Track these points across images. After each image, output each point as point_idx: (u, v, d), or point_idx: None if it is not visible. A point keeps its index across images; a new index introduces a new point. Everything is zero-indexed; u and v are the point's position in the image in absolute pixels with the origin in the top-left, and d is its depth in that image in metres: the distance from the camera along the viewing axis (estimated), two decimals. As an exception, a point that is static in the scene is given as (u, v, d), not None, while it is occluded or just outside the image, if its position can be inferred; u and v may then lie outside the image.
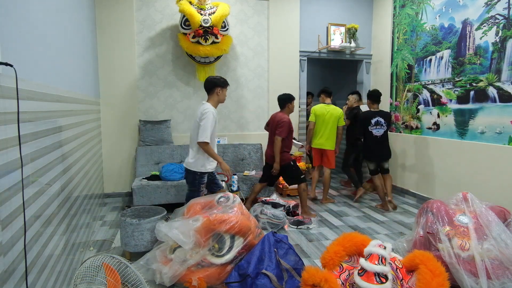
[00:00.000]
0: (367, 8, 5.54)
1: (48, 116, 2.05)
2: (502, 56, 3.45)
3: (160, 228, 2.61)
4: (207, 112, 2.95)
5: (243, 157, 4.91)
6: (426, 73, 4.48)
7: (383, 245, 2.02)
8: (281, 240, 2.51)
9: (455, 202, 2.63)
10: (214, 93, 3.10)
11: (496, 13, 3.50)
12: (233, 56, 5.02)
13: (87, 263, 1.90)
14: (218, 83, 3.09)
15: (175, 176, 4.21)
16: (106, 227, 3.68)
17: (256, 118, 5.23)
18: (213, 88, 3.09)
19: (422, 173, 4.55)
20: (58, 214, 2.16)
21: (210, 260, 2.42)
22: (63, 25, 2.58)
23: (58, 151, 2.25)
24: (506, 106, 3.42)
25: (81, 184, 2.96)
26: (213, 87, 3.08)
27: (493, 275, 2.16)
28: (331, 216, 4.10)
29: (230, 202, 2.73)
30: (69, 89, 2.69)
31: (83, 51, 3.44)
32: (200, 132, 2.92)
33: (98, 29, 4.44)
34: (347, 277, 2.04)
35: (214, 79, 3.11)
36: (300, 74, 5.34)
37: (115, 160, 4.68)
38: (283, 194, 4.96)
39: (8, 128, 1.43)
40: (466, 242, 2.30)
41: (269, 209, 3.70)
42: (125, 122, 4.69)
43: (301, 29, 5.25)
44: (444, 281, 1.88)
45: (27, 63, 1.73)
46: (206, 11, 4.37)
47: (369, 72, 5.64)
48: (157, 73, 4.78)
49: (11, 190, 1.44)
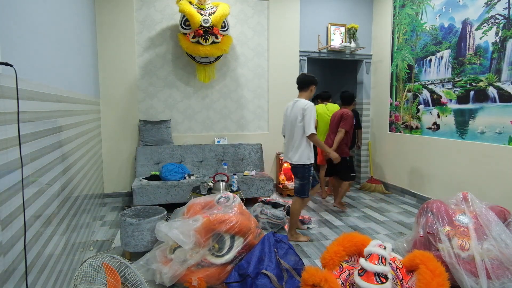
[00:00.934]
0: (367, 8, 5.53)
1: (48, 116, 2.05)
2: (502, 56, 3.45)
3: (160, 228, 2.61)
4: (308, 106, 3.11)
5: (243, 157, 4.91)
6: (426, 73, 4.48)
7: (383, 245, 2.02)
8: (281, 240, 2.51)
9: (455, 202, 2.63)
10: (309, 90, 3.26)
11: (496, 13, 3.50)
12: (233, 56, 5.02)
13: (87, 263, 1.90)
14: (314, 81, 3.26)
15: (175, 176, 4.21)
16: (106, 227, 3.68)
17: (256, 118, 5.23)
18: (309, 85, 3.25)
19: (422, 173, 4.55)
20: (58, 214, 2.16)
21: (210, 260, 2.42)
22: (63, 25, 2.58)
23: (58, 151, 2.25)
24: (506, 106, 3.42)
25: (81, 184, 2.97)
26: (309, 84, 3.24)
27: (493, 275, 2.16)
28: (331, 216, 4.10)
29: (230, 202, 2.73)
30: (69, 89, 2.69)
31: (83, 51, 3.44)
32: (306, 125, 3.10)
33: (98, 29, 4.45)
34: (347, 277, 2.04)
35: (310, 77, 3.26)
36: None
37: (115, 160, 4.68)
38: (283, 194, 4.96)
39: (8, 128, 1.43)
40: (466, 242, 2.30)
41: (269, 209, 3.70)
42: (125, 122, 4.69)
43: (301, 29, 5.25)
44: (444, 281, 1.88)
45: (27, 63, 1.73)
46: (206, 11, 4.37)
47: (369, 72, 5.64)
48: (157, 73, 4.78)
49: (11, 190, 1.44)
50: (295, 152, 3.21)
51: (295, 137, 3.20)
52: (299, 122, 3.15)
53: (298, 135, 3.18)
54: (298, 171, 3.27)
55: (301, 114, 3.13)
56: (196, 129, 5.00)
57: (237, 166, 4.87)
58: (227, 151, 4.86)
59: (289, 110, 3.28)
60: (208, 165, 4.76)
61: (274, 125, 5.26)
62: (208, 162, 4.77)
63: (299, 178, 3.28)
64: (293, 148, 3.23)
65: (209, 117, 5.03)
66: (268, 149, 5.24)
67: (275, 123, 5.26)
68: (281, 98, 5.24)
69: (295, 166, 3.26)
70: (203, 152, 4.77)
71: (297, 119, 3.16)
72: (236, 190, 3.91)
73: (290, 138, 3.28)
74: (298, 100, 3.23)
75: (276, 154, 5.28)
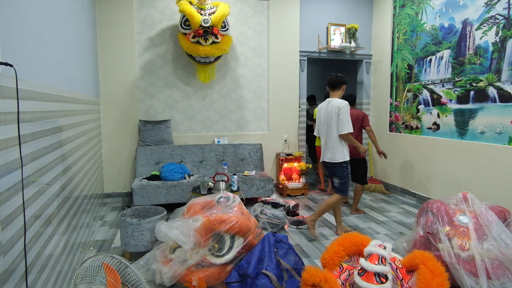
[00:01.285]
0: (367, 8, 5.54)
1: (48, 116, 2.05)
2: (502, 56, 3.45)
3: (160, 228, 2.61)
4: (344, 105, 3.19)
5: (243, 157, 4.91)
6: (426, 73, 4.48)
7: (383, 245, 2.02)
8: (281, 240, 2.51)
9: (455, 202, 2.63)
10: (341, 89, 3.35)
11: (496, 13, 3.50)
12: (233, 56, 5.02)
13: (87, 263, 1.90)
14: (345, 81, 3.36)
15: (175, 176, 4.21)
16: (106, 227, 3.68)
17: (256, 118, 5.23)
18: (341, 85, 3.34)
19: (422, 173, 4.55)
20: (58, 214, 2.16)
21: (210, 260, 2.42)
22: (63, 25, 2.58)
23: (58, 151, 2.25)
24: (506, 106, 3.42)
25: (81, 184, 2.97)
26: (341, 84, 3.34)
27: (493, 275, 2.16)
28: (331, 216, 4.10)
29: (230, 202, 2.73)
30: (69, 89, 2.69)
31: (83, 51, 3.44)
32: (343, 124, 3.17)
33: (98, 29, 4.44)
34: (347, 277, 2.04)
35: (341, 77, 3.34)
36: (300, 74, 5.34)
37: (115, 160, 4.68)
38: (283, 194, 4.96)
39: (8, 128, 1.43)
40: (466, 242, 2.30)
41: (269, 209, 3.70)
42: (125, 122, 4.69)
43: (301, 29, 5.25)
44: (444, 281, 1.88)
45: (27, 63, 1.73)
46: (206, 11, 4.37)
47: (369, 72, 5.64)
48: (157, 73, 4.78)
49: (11, 190, 1.44)
50: (332, 151, 3.28)
51: (332, 136, 3.26)
52: (334, 121, 3.21)
53: (334, 134, 3.25)
54: (337, 170, 3.32)
55: (336, 113, 3.20)
56: (196, 129, 5.00)
57: (237, 166, 4.87)
58: (227, 151, 4.86)
59: (323, 111, 3.34)
60: (208, 165, 4.76)
61: (274, 125, 5.26)
62: (208, 162, 4.77)
63: (338, 177, 3.34)
64: (330, 147, 3.29)
65: (209, 117, 5.03)
66: (268, 149, 5.24)
67: (275, 123, 5.26)
68: (281, 98, 5.25)
69: (334, 166, 3.31)
70: (203, 152, 4.77)
71: (332, 118, 3.23)
72: (236, 190, 3.91)
73: (326, 138, 3.33)
74: (332, 100, 3.29)
75: (276, 154, 5.28)
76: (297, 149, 5.41)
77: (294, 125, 5.36)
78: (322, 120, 3.35)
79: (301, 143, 5.45)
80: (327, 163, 3.38)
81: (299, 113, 5.38)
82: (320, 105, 3.43)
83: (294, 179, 5.11)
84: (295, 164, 5.11)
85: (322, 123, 3.36)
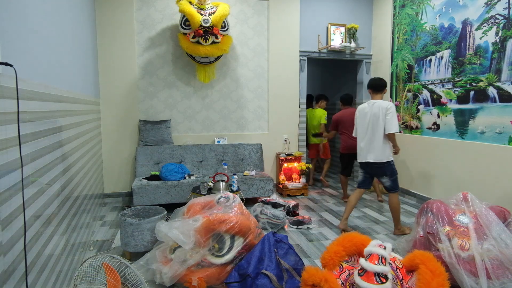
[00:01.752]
0: (367, 8, 5.54)
1: (48, 116, 2.05)
2: (502, 56, 3.45)
3: (160, 228, 2.61)
4: (391, 106, 3.32)
5: (243, 157, 4.91)
6: (426, 73, 4.48)
7: (383, 245, 2.02)
8: (281, 240, 2.51)
9: (455, 202, 2.63)
10: (383, 91, 3.49)
11: (496, 13, 3.50)
12: (233, 56, 5.02)
13: (87, 263, 1.90)
14: (386, 84, 3.52)
15: (175, 176, 4.21)
16: (106, 227, 3.68)
17: (256, 118, 5.23)
18: (384, 88, 3.48)
19: (422, 173, 4.55)
20: (58, 214, 2.16)
21: (210, 260, 2.42)
22: (63, 25, 2.58)
23: (58, 151, 2.25)
24: (506, 106, 3.42)
25: (81, 184, 2.97)
26: (384, 87, 3.48)
27: (493, 275, 2.16)
28: (331, 216, 4.10)
29: (230, 202, 2.73)
30: (69, 89, 2.69)
31: (83, 51, 3.44)
32: (391, 124, 3.28)
33: (98, 29, 4.44)
34: (347, 277, 2.04)
35: (384, 81, 3.49)
36: (300, 74, 5.34)
37: (115, 160, 4.68)
38: (283, 194, 4.96)
39: (8, 128, 1.43)
40: (466, 242, 2.30)
41: (269, 209, 3.70)
42: (125, 122, 4.69)
43: (301, 29, 5.25)
44: (444, 281, 1.88)
45: (27, 63, 1.73)
46: (206, 11, 4.37)
47: (369, 72, 5.64)
48: (157, 73, 4.78)
49: (11, 190, 1.44)
50: (380, 151, 3.34)
51: (377, 136, 3.33)
52: (382, 121, 3.29)
53: (380, 134, 3.32)
54: (386, 169, 3.38)
55: (384, 114, 3.29)
56: (196, 129, 5.00)
57: (237, 166, 4.87)
58: (227, 151, 4.86)
59: (366, 112, 3.41)
60: (208, 165, 4.76)
61: (274, 125, 5.26)
62: (208, 162, 4.77)
63: (388, 175, 3.40)
64: (377, 148, 3.35)
65: (209, 117, 5.03)
66: (268, 149, 5.24)
67: (275, 123, 5.26)
68: (281, 98, 5.25)
69: (382, 165, 3.37)
70: (203, 152, 4.77)
71: (379, 119, 3.31)
72: (236, 190, 3.91)
73: (371, 139, 3.37)
74: (376, 101, 3.39)
75: (276, 154, 5.28)
76: (297, 149, 5.41)
77: (294, 125, 5.36)
78: (367, 121, 3.40)
79: (301, 143, 5.45)
80: (373, 164, 3.41)
81: (299, 113, 5.38)
82: (362, 107, 3.49)
83: (294, 179, 5.11)
84: (295, 164, 5.11)
85: (366, 124, 3.41)
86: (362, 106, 3.48)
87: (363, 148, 3.44)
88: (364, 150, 3.44)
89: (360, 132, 3.50)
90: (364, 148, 3.44)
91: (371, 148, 3.38)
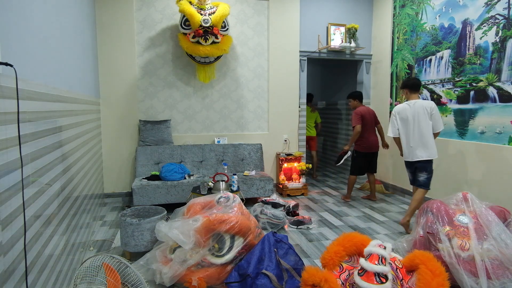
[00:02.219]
0: (367, 8, 5.54)
1: (48, 116, 2.05)
2: (502, 56, 3.45)
3: (160, 228, 2.61)
4: (435, 105, 3.47)
5: (243, 157, 4.91)
6: (426, 73, 4.48)
7: (383, 245, 2.02)
8: (281, 240, 2.51)
9: (455, 202, 2.63)
10: (419, 91, 3.62)
11: (496, 13, 3.50)
12: (233, 56, 5.02)
13: (87, 263, 1.90)
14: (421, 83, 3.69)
15: (175, 176, 4.21)
16: (106, 227, 3.68)
17: (256, 118, 5.23)
18: (420, 87, 3.61)
19: (422, 173, 4.54)
20: (58, 214, 2.16)
21: (210, 260, 2.42)
22: (63, 25, 2.58)
23: (58, 151, 2.25)
24: (506, 106, 3.42)
25: (81, 184, 2.97)
26: (420, 86, 3.62)
27: (493, 275, 2.16)
28: (331, 216, 4.10)
29: (230, 202, 2.73)
30: (69, 89, 2.69)
31: (83, 51, 3.44)
32: (439, 122, 3.46)
33: (98, 29, 4.44)
34: (347, 277, 2.04)
35: (419, 80, 3.66)
36: (300, 74, 5.35)
37: (115, 160, 4.68)
38: (283, 194, 4.96)
39: (8, 128, 1.43)
40: (466, 242, 2.30)
41: (269, 209, 3.70)
42: (125, 122, 4.69)
43: (301, 29, 5.25)
44: (444, 281, 1.88)
45: (27, 63, 1.73)
46: (206, 11, 4.37)
47: (369, 72, 5.64)
48: (157, 73, 4.78)
49: (11, 190, 1.44)
50: (428, 148, 3.44)
51: (426, 134, 3.43)
52: (429, 119, 3.41)
53: (428, 132, 3.43)
54: (428, 166, 3.49)
55: (429, 113, 3.41)
56: (196, 129, 5.00)
57: (237, 166, 4.87)
58: (227, 151, 4.86)
59: (410, 112, 3.47)
60: (208, 165, 4.76)
61: (274, 125, 5.27)
62: (208, 162, 4.77)
63: (428, 172, 3.50)
64: (425, 145, 3.44)
65: (209, 117, 5.03)
66: (268, 149, 5.24)
67: (275, 123, 5.26)
68: (281, 98, 5.25)
69: (426, 162, 3.48)
70: (203, 152, 4.77)
71: (426, 118, 3.41)
72: (236, 190, 3.91)
73: (420, 138, 3.45)
74: (417, 101, 3.48)
75: (276, 154, 5.28)
76: (297, 149, 5.41)
77: (294, 125, 5.37)
78: (411, 121, 3.46)
79: (301, 143, 5.46)
80: (422, 161, 3.48)
81: (299, 113, 5.38)
82: (402, 107, 3.52)
83: (294, 179, 5.11)
84: (295, 164, 5.11)
85: (411, 125, 3.47)
86: (403, 107, 3.52)
87: (414, 148, 3.49)
88: (414, 149, 3.49)
89: (405, 132, 3.53)
90: (414, 147, 3.49)
91: (424, 147, 3.45)
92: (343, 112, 6.62)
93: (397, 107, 3.58)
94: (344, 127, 6.58)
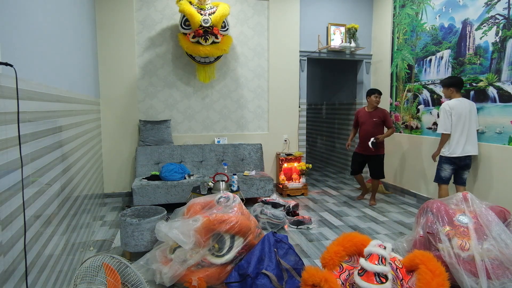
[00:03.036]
0: (367, 8, 5.54)
1: (48, 116, 2.05)
2: (502, 56, 3.45)
3: (160, 228, 2.61)
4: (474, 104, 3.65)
5: (243, 157, 4.91)
6: (426, 73, 4.48)
7: (383, 245, 2.02)
8: (281, 240, 2.51)
9: (455, 202, 2.63)
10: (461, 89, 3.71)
11: (496, 13, 3.50)
12: (233, 56, 5.02)
13: (87, 263, 1.90)
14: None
15: (175, 176, 4.21)
16: (106, 227, 3.68)
17: (256, 118, 5.23)
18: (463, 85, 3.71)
19: (422, 173, 4.55)
20: (58, 214, 2.16)
21: (210, 260, 2.42)
22: (63, 25, 2.58)
23: (58, 151, 2.25)
24: (506, 106, 3.42)
25: (81, 184, 2.97)
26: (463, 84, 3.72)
27: (493, 275, 2.16)
28: (331, 216, 4.10)
29: (230, 202, 2.73)
30: (69, 89, 2.69)
31: (83, 51, 3.44)
32: (477, 120, 3.64)
33: (98, 29, 4.44)
34: (347, 277, 2.04)
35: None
36: (300, 74, 5.34)
37: (115, 160, 4.68)
38: (283, 194, 4.96)
39: (8, 128, 1.43)
40: (466, 242, 2.30)
41: (269, 209, 3.70)
42: (125, 122, 4.69)
43: (301, 29, 5.25)
44: (444, 281, 1.88)
45: (27, 63, 1.73)
46: (206, 11, 4.37)
47: (369, 72, 5.64)
48: (157, 73, 4.78)
49: (11, 190, 1.44)
50: (474, 145, 3.59)
51: (474, 131, 3.57)
52: (475, 116, 3.58)
53: (475, 129, 3.59)
54: (471, 163, 3.65)
55: (475, 110, 3.59)
56: (196, 129, 5.00)
57: (237, 166, 4.87)
58: (227, 151, 4.86)
59: (462, 108, 3.54)
60: (208, 165, 4.76)
61: (274, 125, 5.26)
62: (208, 162, 4.77)
63: (470, 167, 3.68)
64: (472, 141, 3.58)
65: (209, 117, 5.03)
66: (268, 149, 5.24)
67: (275, 123, 5.26)
68: (281, 98, 5.25)
69: (471, 158, 3.63)
70: (203, 152, 4.78)
71: (472, 115, 3.56)
72: (236, 190, 3.91)
73: (468, 134, 3.57)
74: (462, 99, 3.59)
75: (276, 154, 5.28)
76: (297, 149, 5.41)
77: (294, 125, 5.37)
78: (463, 117, 3.53)
79: (301, 143, 5.46)
80: (468, 158, 3.59)
81: (299, 113, 5.38)
82: (454, 104, 3.54)
83: (294, 179, 5.11)
84: (295, 164, 5.11)
85: (462, 121, 3.54)
86: (454, 103, 3.55)
87: (466, 143, 3.56)
88: (463, 144, 3.56)
89: (459, 128, 3.56)
90: (466, 142, 3.56)
91: (467, 142, 3.56)
92: (343, 112, 6.62)
93: (449, 103, 3.57)
94: (344, 127, 6.58)
